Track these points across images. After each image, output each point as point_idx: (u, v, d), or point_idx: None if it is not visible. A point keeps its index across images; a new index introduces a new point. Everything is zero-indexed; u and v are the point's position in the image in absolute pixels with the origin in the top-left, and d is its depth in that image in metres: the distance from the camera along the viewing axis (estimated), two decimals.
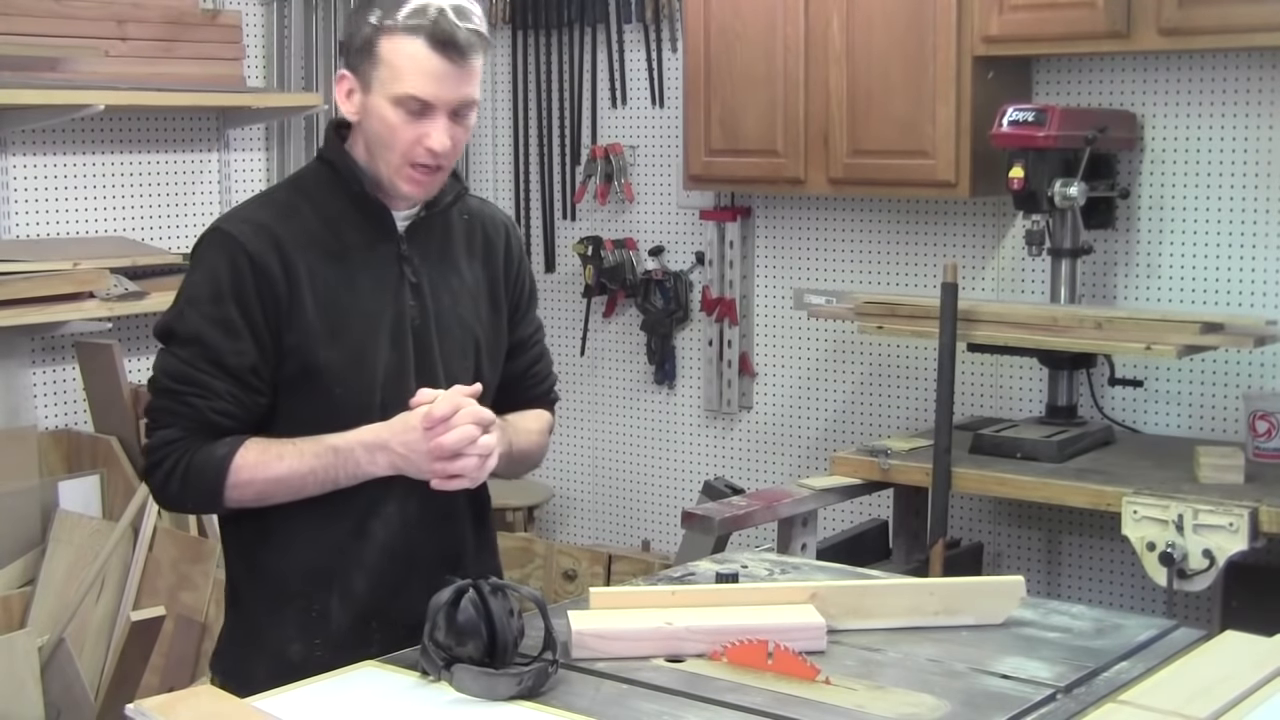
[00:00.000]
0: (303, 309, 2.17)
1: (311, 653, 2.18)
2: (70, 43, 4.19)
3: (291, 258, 2.17)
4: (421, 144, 2.16)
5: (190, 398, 2.15)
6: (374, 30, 2.17)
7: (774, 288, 4.84)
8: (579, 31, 5.16)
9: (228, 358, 2.14)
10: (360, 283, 2.22)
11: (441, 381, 2.24)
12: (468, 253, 2.35)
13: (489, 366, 2.35)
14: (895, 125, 4.18)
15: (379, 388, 2.21)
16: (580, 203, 5.20)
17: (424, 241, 2.29)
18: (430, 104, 2.15)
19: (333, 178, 2.25)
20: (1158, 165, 4.12)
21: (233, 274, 2.15)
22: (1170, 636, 2.18)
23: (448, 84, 2.15)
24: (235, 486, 2.14)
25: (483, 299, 2.36)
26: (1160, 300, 4.13)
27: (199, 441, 2.15)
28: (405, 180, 2.20)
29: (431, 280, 2.28)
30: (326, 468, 2.15)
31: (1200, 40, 3.76)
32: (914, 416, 4.55)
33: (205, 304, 2.16)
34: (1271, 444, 3.74)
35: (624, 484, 5.22)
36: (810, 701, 1.89)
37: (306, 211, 2.23)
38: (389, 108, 2.16)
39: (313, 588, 2.22)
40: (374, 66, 2.17)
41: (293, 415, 2.20)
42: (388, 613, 2.22)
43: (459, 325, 2.30)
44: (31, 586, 3.92)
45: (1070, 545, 4.35)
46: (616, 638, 2.05)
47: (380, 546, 2.23)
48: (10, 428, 4.13)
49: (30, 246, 4.16)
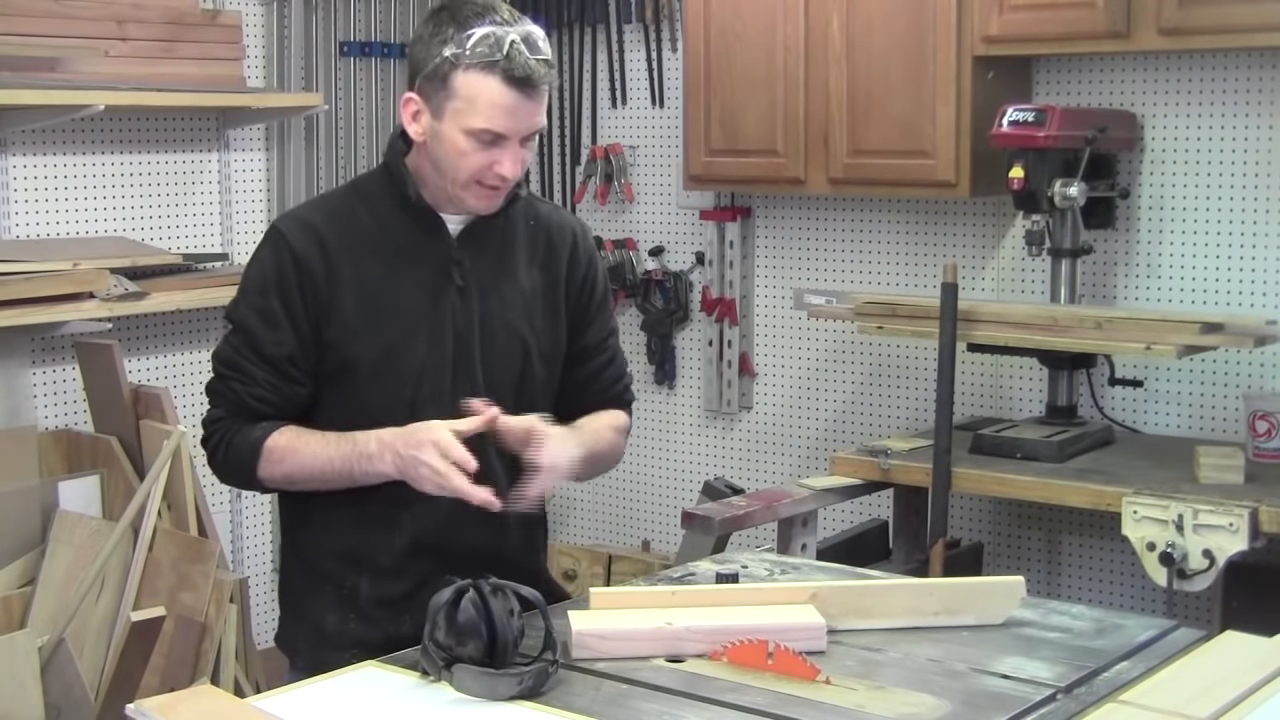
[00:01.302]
0: (342, 305, 2.27)
1: (346, 625, 2.32)
2: (70, 43, 4.19)
3: (335, 256, 2.28)
4: (493, 169, 2.25)
5: (233, 382, 2.30)
6: (447, 64, 2.22)
7: (774, 288, 4.84)
8: (579, 31, 5.15)
9: (267, 347, 2.28)
10: (404, 283, 2.30)
11: (480, 384, 2.30)
12: (528, 258, 2.40)
13: (542, 371, 2.39)
14: (895, 125, 4.18)
15: (410, 384, 2.29)
16: (580, 203, 5.20)
17: (479, 246, 2.35)
18: (503, 136, 2.23)
19: (388, 183, 2.34)
20: (1158, 165, 4.12)
21: (278, 269, 2.29)
22: (1170, 636, 2.18)
23: (521, 117, 2.24)
24: (266, 466, 2.28)
25: (539, 305, 2.39)
26: (1160, 300, 4.13)
27: (240, 423, 2.30)
28: (474, 197, 2.29)
29: (481, 284, 2.34)
30: (345, 458, 2.24)
31: (1200, 40, 3.76)
32: (914, 416, 4.55)
33: (254, 295, 2.31)
34: (1271, 444, 3.74)
35: (624, 484, 5.22)
36: (810, 701, 1.89)
37: (361, 213, 2.33)
38: (461, 137, 2.24)
39: (344, 569, 2.33)
40: (447, 98, 2.23)
41: (331, 408, 2.31)
42: (417, 600, 2.22)
43: (505, 330, 2.35)
44: (31, 586, 3.92)
45: (1070, 545, 4.35)
46: (616, 638, 2.06)
47: (409, 538, 2.31)
48: (10, 428, 4.12)
49: (30, 246, 4.16)
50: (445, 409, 2.27)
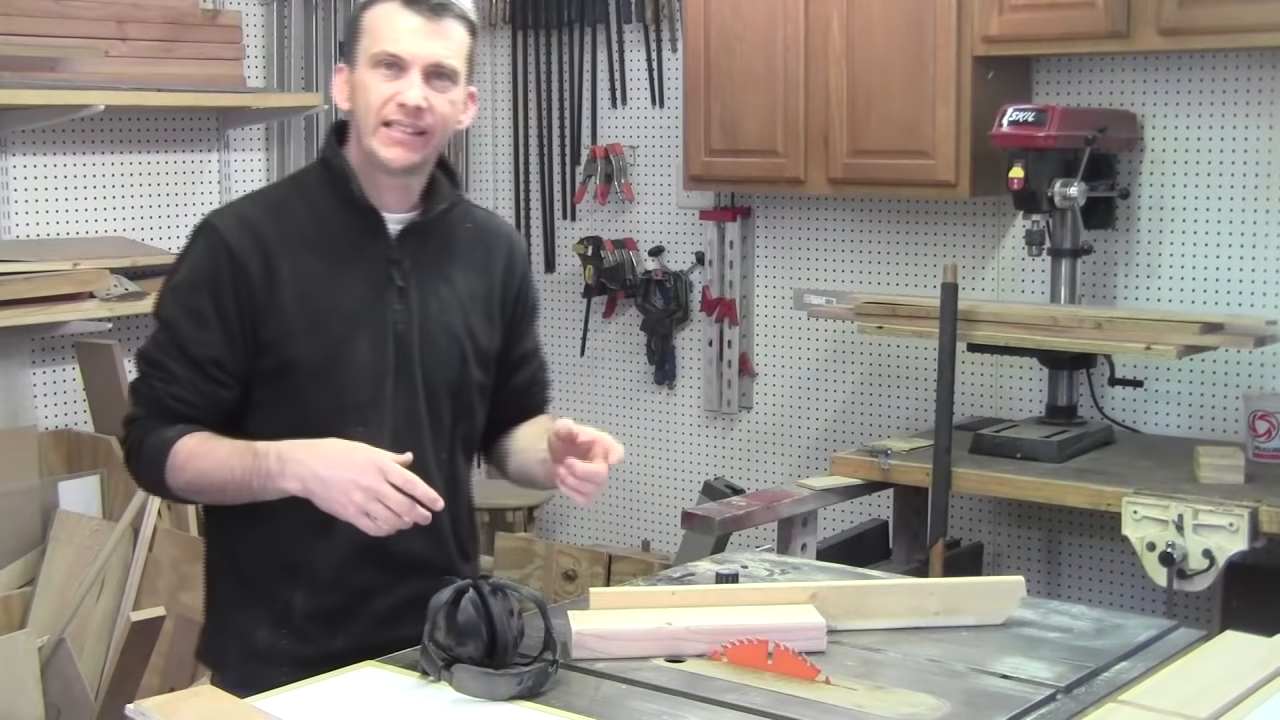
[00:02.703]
0: (280, 304, 2.19)
1: (277, 640, 2.22)
2: (70, 43, 4.19)
3: (274, 253, 2.19)
4: (394, 100, 2.18)
5: (154, 380, 2.20)
6: (359, 8, 2.25)
7: (774, 288, 4.84)
8: (579, 31, 5.16)
9: (191, 346, 2.18)
10: (344, 282, 2.23)
11: (419, 387, 2.25)
12: (466, 262, 2.35)
13: (479, 375, 2.35)
14: (895, 125, 4.18)
15: (351, 389, 2.21)
16: (580, 203, 5.20)
17: (418, 247, 2.29)
18: (402, 59, 2.18)
19: (328, 178, 2.28)
20: (1158, 165, 4.12)
21: (211, 265, 2.19)
22: (1170, 636, 2.18)
23: (417, 39, 2.18)
24: (172, 470, 2.17)
25: (476, 309, 2.35)
26: (1160, 300, 4.13)
27: (155, 423, 2.19)
28: (383, 143, 2.20)
29: (420, 286, 2.28)
30: (245, 469, 2.13)
31: (1200, 40, 3.76)
32: (914, 416, 4.55)
33: (184, 292, 2.22)
34: (1271, 444, 3.74)
35: (624, 484, 5.22)
36: (810, 701, 1.89)
37: (299, 209, 2.25)
38: (368, 73, 2.20)
39: (278, 582, 2.24)
40: (358, 41, 2.23)
41: (265, 410, 2.22)
42: (355, 611, 2.23)
43: (445, 333, 2.30)
44: (31, 586, 3.92)
45: (1070, 545, 4.35)
46: (616, 638, 2.06)
47: (347, 547, 2.20)
48: (10, 428, 4.13)
49: (30, 246, 4.16)
50: (385, 413, 2.23)
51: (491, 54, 5.37)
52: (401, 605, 2.21)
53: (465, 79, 2.25)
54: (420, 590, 2.03)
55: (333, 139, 2.30)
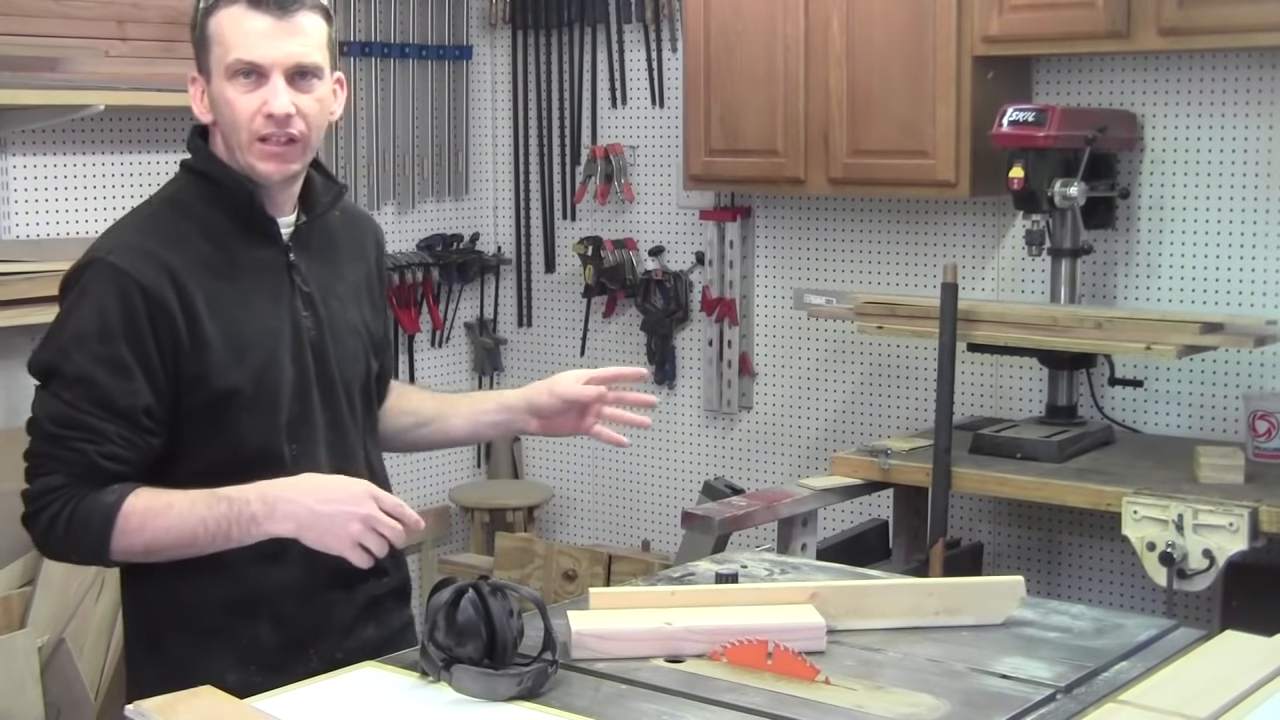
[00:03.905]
0: (203, 336, 2.08)
1: (250, 678, 2.08)
2: (70, 43, 4.19)
3: (185, 283, 2.08)
4: (261, 113, 2.08)
5: (76, 442, 2.04)
6: (201, 15, 2.13)
7: (774, 288, 4.84)
8: (579, 31, 5.16)
9: (119, 399, 2.04)
10: (255, 300, 2.15)
11: (340, 391, 2.23)
12: (347, 253, 2.32)
13: (375, 364, 2.35)
14: (895, 125, 4.18)
15: (284, 408, 2.16)
16: (580, 203, 5.20)
17: (308, 247, 2.24)
18: (259, 65, 2.08)
19: (211, 191, 2.17)
20: (1158, 165, 4.12)
21: (124, 309, 2.05)
22: (1170, 636, 2.18)
23: (273, 42, 2.08)
24: (123, 534, 2.03)
25: (364, 298, 2.33)
26: (1160, 300, 4.13)
27: (84, 488, 2.04)
28: (259, 158, 2.11)
29: (320, 287, 2.23)
30: (218, 519, 2.03)
31: (1200, 40, 3.76)
32: (914, 416, 4.55)
33: (93, 341, 2.05)
34: (1271, 444, 3.73)
35: (624, 484, 5.22)
36: (810, 701, 1.89)
37: (191, 230, 2.14)
38: (228, 85, 2.10)
39: (240, 619, 2.15)
40: (208, 50, 2.12)
41: (196, 449, 2.11)
42: (320, 629, 2.21)
43: (349, 331, 2.27)
44: (31, 586, 3.91)
45: (1070, 545, 4.35)
46: (616, 638, 2.05)
47: (302, 569, 2.15)
48: (10, 428, 4.12)
49: (30, 246, 4.16)
50: (315, 424, 2.19)
51: (491, 54, 5.37)
52: (358, 612, 2.24)
53: (329, 69, 2.17)
54: (371, 591, 2.06)
55: (201, 147, 2.19)
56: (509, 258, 5.42)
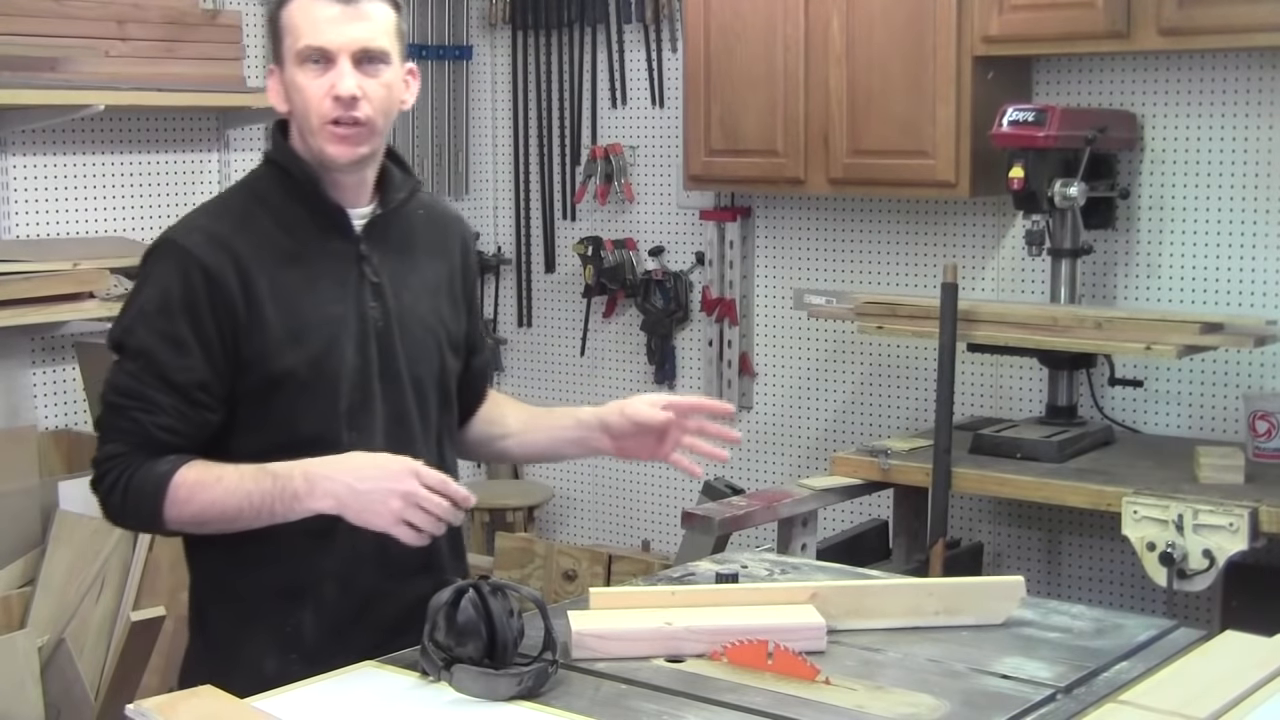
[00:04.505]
0: (262, 319, 2.12)
1: (288, 666, 2.11)
2: (70, 43, 4.19)
3: (249, 267, 2.13)
4: (329, 96, 2.13)
5: (135, 413, 2.10)
6: (276, 6, 2.19)
7: (774, 288, 4.84)
8: (579, 31, 5.16)
9: (175, 374, 2.10)
10: (321, 286, 2.18)
11: (406, 383, 2.23)
12: (426, 249, 2.33)
13: (454, 362, 2.34)
14: (895, 125, 4.18)
15: (343, 394, 2.17)
16: (580, 203, 5.20)
17: (382, 240, 2.26)
18: (327, 50, 2.13)
19: (284, 180, 2.22)
20: (1158, 165, 4.12)
21: (185, 288, 2.11)
22: (1170, 636, 2.18)
23: (339, 26, 2.13)
24: (174, 505, 2.09)
25: (443, 295, 2.33)
26: (1160, 300, 4.13)
27: (142, 457, 2.10)
28: (327, 140, 2.15)
29: (392, 279, 2.25)
30: (263, 494, 2.06)
31: (1200, 40, 3.76)
32: (914, 416, 4.55)
33: (155, 317, 2.12)
34: (1271, 444, 3.73)
35: (624, 484, 5.22)
36: (810, 701, 1.89)
37: (262, 217, 2.19)
38: (297, 72, 2.15)
39: (285, 603, 2.18)
40: (281, 40, 2.18)
41: (252, 429, 2.15)
42: (361, 620, 2.21)
43: (420, 325, 2.27)
44: (31, 586, 3.91)
45: (1070, 545, 4.35)
46: (616, 638, 2.05)
47: (350, 554, 2.17)
48: (10, 428, 4.13)
49: (30, 246, 4.16)
50: (375, 415, 2.19)
51: (491, 54, 5.38)
52: (406, 611, 2.18)
53: (399, 57, 2.20)
54: (424, 592, 2.02)
55: (280, 139, 2.24)
56: (509, 258, 5.42)
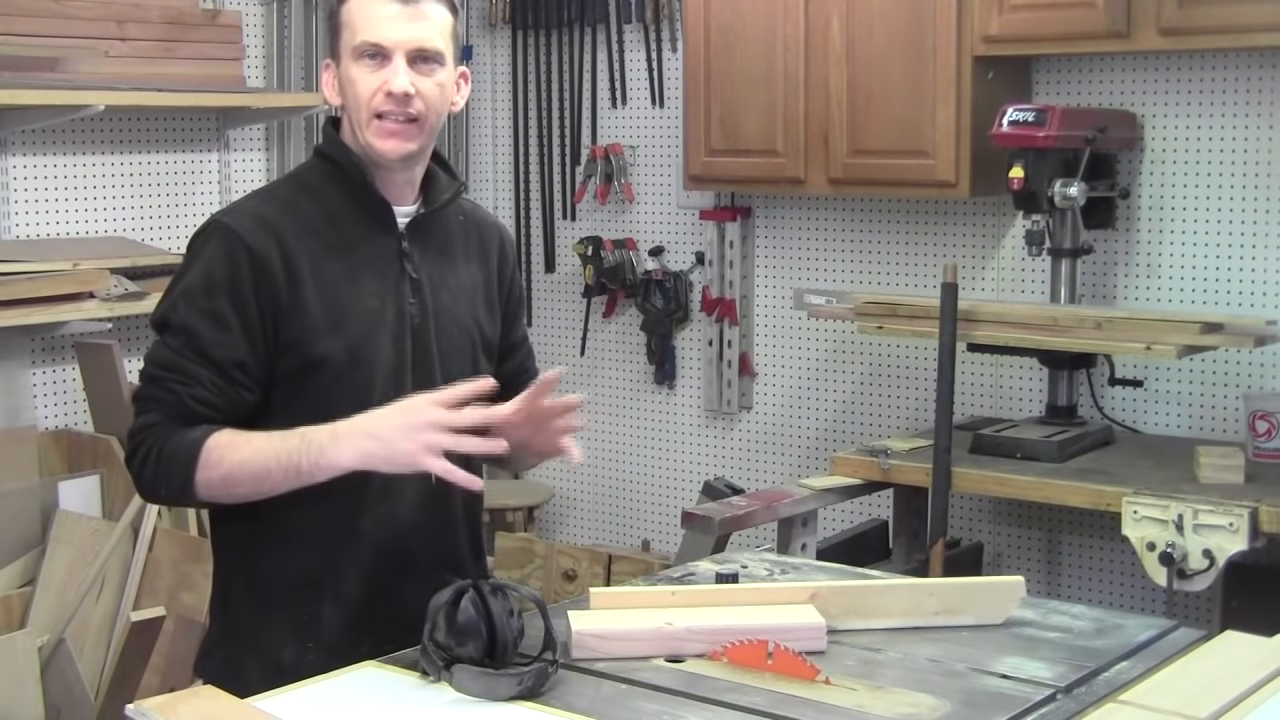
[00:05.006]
0: (303, 302, 2.16)
1: (304, 655, 2.16)
2: (70, 43, 4.19)
3: (293, 251, 2.17)
4: (381, 91, 2.18)
5: (172, 384, 2.14)
6: (337, 3, 2.24)
7: (774, 288, 4.84)
8: (579, 31, 5.16)
9: (214, 350, 2.13)
10: (362, 277, 2.22)
11: (437, 381, 2.24)
12: (464, 253, 2.36)
13: (487, 365, 2.36)
14: (895, 125, 4.18)
15: (376, 387, 2.19)
16: (580, 203, 5.20)
17: (424, 239, 2.30)
18: (384, 47, 2.18)
19: (333, 173, 2.26)
20: (1158, 165, 4.12)
21: (229, 267, 2.15)
22: (1170, 636, 2.18)
23: (397, 24, 2.17)
24: (205, 468, 2.10)
25: (479, 299, 2.37)
26: (1160, 300, 4.13)
27: (176, 428, 2.13)
28: (377, 135, 2.19)
29: (431, 278, 2.28)
30: (289, 450, 2.08)
31: (1200, 40, 3.76)
32: (914, 416, 4.55)
33: (198, 296, 2.15)
34: (1271, 444, 3.73)
35: (624, 484, 5.22)
36: (810, 701, 1.89)
37: (308, 206, 2.23)
38: (353, 66, 2.20)
39: (305, 592, 2.21)
40: (339, 36, 2.23)
41: (285, 413, 2.17)
42: (380, 614, 2.22)
43: (456, 325, 2.31)
44: (31, 586, 3.92)
45: (1070, 545, 4.35)
46: (616, 638, 2.05)
47: (372, 547, 2.21)
48: (10, 428, 4.13)
49: (30, 246, 4.16)
50: None
51: (491, 54, 5.38)
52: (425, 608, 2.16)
53: (453, 59, 2.24)
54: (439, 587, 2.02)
55: (331, 133, 2.30)
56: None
